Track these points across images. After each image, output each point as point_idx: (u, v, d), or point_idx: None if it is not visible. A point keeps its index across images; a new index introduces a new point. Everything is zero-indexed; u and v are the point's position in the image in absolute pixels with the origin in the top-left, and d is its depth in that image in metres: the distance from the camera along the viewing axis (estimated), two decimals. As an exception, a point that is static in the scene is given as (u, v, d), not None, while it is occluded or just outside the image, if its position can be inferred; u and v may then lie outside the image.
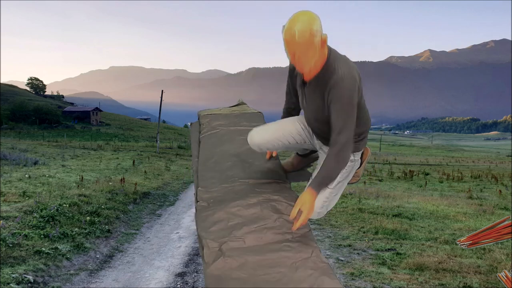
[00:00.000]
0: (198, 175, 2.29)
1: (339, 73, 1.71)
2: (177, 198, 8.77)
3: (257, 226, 1.91)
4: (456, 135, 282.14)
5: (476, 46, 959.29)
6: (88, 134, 54.45)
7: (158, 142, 28.65)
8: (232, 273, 1.66)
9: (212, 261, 1.72)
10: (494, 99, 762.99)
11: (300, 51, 1.66)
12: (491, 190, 11.95)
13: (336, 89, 1.71)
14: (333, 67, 1.73)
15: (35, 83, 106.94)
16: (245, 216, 1.98)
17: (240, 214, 1.99)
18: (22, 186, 7.75)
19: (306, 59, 1.70)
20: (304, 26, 1.62)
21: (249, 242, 1.82)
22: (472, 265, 4.07)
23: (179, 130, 79.84)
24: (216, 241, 1.83)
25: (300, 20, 1.64)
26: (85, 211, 5.84)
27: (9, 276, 3.35)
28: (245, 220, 1.96)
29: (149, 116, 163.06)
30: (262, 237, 1.85)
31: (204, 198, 2.12)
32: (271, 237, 1.86)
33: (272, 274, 1.65)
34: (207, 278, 1.68)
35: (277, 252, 1.77)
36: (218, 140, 2.51)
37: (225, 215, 1.99)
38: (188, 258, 4.42)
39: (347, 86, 1.71)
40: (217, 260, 1.72)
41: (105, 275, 3.86)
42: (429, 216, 6.88)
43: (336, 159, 1.78)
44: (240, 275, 1.65)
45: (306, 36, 1.62)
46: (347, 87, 1.71)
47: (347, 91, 1.71)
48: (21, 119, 60.45)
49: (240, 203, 2.02)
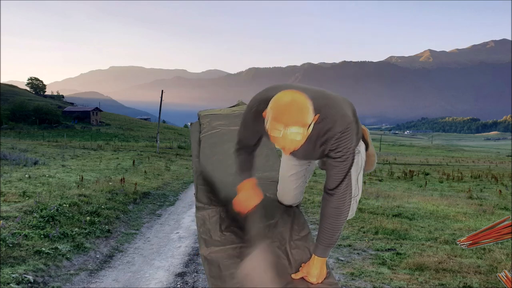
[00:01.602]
0: (198, 175, 2.29)
1: (335, 129, 1.59)
2: (177, 198, 8.77)
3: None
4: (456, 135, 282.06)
5: (476, 46, 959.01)
6: (88, 134, 54.44)
7: (158, 142, 28.65)
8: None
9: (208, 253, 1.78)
10: (494, 99, 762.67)
11: (280, 141, 1.50)
12: (491, 190, 11.95)
13: (338, 144, 1.60)
14: (326, 120, 1.60)
15: (35, 83, 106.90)
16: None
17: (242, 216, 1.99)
18: (22, 186, 7.75)
19: (288, 149, 1.54)
20: (304, 116, 1.46)
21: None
22: (472, 265, 4.07)
23: (179, 130, 79.82)
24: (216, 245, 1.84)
25: (291, 118, 1.45)
26: (85, 211, 5.84)
27: (9, 276, 3.35)
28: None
29: (149, 116, 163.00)
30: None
31: (204, 197, 2.12)
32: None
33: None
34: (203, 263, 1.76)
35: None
36: (219, 139, 2.51)
37: (226, 215, 2.00)
38: (188, 258, 4.42)
39: (348, 136, 1.60)
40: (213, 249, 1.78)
41: (105, 275, 3.86)
42: (429, 216, 6.89)
43: (339, 211, 1.64)
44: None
45: (300, 138, 1.47)
46: (348, 138, 1.60)
47: (348, 142, 1.61)
48: (21, 119, 60.43)
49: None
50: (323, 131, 1.60)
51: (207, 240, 1.88)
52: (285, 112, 1.45)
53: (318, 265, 1.69)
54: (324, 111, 1.59)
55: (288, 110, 1.46)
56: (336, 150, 1.61)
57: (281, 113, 1.46)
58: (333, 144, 1.61)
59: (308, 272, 1.70)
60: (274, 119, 1.47)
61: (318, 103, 1.59)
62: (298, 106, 1.47)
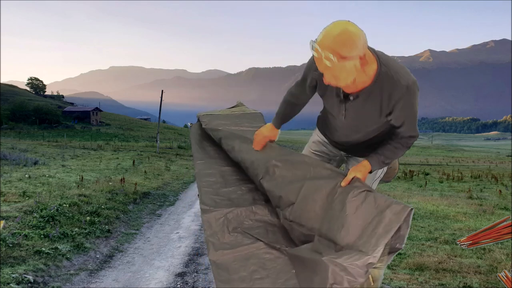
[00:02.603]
0: (201, 177, 2.25)
1: (401, 82, 1.58)
2: (177, 198, 8.77)
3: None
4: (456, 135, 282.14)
5: (476, 46, 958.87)
6: (88, 134, 54.44)
7: (158, 142, 28.64)
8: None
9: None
10: (494, 99, 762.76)
11: (331, 73, 1.51)
12: (491, 190, 11.94)
13: (405, 98, 1.62)
14: (389, 75, 1.59)
15: (35, 83, 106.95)
16: (253, 219, 1.97)
17: (247, 216, 1.97)
18: (22, 186, 7.75)
19: (338, 80, 1.54)
20: (343, 47, 1.43)
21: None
22: (472, 265, 4.07)
23: (179, 130, 79.83)
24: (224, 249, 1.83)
25: (332, 36, 1.44)
26: (85, 211, 5.83)
27: (9, 276, 3.35)
28: (253, 225, 1.95)
29: (149, 116, 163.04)
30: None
31: (208, 200, 2.09)
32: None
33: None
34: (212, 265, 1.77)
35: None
36: (221, 140, 2.48)
37: (232, 216, 1.97)
38: (188, 258, 4.42)
39: (415, 92, 1.64)
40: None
41: (105, 275, 3.86)
42: (429, 216, 6.89)
43: (402, 149, 1.83)
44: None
45: (336, 59, 1.44)
46: (414, 93, 1.64)
47: (414, 98, 1.65)
48: (21, 119, 60.44)
49: (249, 209, 2.01)
50: (395, 92, 1.59)
51: (215, 244, 1.85)
52: (336, 40, 1.42)
53: (364, 170, 1.80)
54: (393, 72, 1.58)
55: (340, 38, 1.43)
56: (405, 104, 1.63)
57: (332, 42, 1.43)
58: (405, 101, 1.62)
59: (355, 172, 1.78)
60: (324, 48, 1.44)
61: (387, 62, 1.60)
62: (350, 35, 1.43)
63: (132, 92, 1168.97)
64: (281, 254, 1.78)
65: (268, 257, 1.77)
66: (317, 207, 1.76)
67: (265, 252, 1.79)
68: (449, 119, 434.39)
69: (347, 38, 1.43)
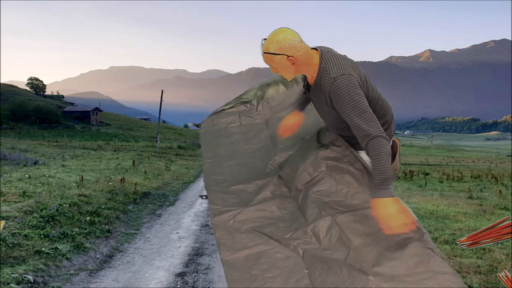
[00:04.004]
0: (209, 176, 2.22)
1: (331, 75, 1.69)
2: (177, 198, 8.77)
3: (269, 230, 1.89)
4: (456, 135, 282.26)
5: (476, 46, 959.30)
6: (88, 134, 54.43)
7: (158, 142, 28.65)
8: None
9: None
10: (494, 99, 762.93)
11: (273, 66, 1.78)
12: (491, 190, 11.94)
13: (332, 91, 1.69)
14: (326, 69, 1.72)
15: (35, 83, 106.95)
16: (263, 216, 1.96)
17: (257, 214, 1.96)
18: (22, 186, 7.75)
19: (281, 73, 1.81)
20: (270, 45, 1.73)
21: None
22: (472, 265, 4.07)
23: (179, 130, 79.83)
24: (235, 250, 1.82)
25: (269, 39, 1.74)
26: (85, 211, 5.84)
27: (9, 276, 3.36)
28: (264, 222, 1.93)
29: (149, 116, 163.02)
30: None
31: (218, 199, 2.06)
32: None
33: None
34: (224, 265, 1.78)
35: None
36: (233, 139, 2.41)
37: (243, 216, 1.95)
38: (188, 258, 4.42)
39: (342, 85, 1.66)
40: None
41: (105, 275, 3.86)
42: (429, 216, 6.88)
43: (376, 153, 1.63)
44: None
45: (268, 56, 1.74)
46: (342, 86, 1.66)
47: (343, 89, 1.66)
48: (21, 119, 60.42)
49: (258, 207, 1.99)
50: (327, 85, 1.72)
51: (227, 244, 1.84)
52: (268, 40, 1.73)
53: (384, 206, 1.60)
54: (329, 66, 1.73)
55: (270, 38, 1.73)
56: (335, 97, 1.70)
57: (267, 41, 1.73)
58: (334, 94, 1.70)
59: (382, 220, 1.61)
60: (264, 46, 1.75)
61: (328, 57, 1.76)
62: (277, 36, 1.71)
63: (132, 92, 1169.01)
64: (293, 253, 1.76)
65: (279, 257, 1.75)
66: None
67: (276, 252, 1.77)
68: (449, 119, 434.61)
69: (273, 39, 1.73)
